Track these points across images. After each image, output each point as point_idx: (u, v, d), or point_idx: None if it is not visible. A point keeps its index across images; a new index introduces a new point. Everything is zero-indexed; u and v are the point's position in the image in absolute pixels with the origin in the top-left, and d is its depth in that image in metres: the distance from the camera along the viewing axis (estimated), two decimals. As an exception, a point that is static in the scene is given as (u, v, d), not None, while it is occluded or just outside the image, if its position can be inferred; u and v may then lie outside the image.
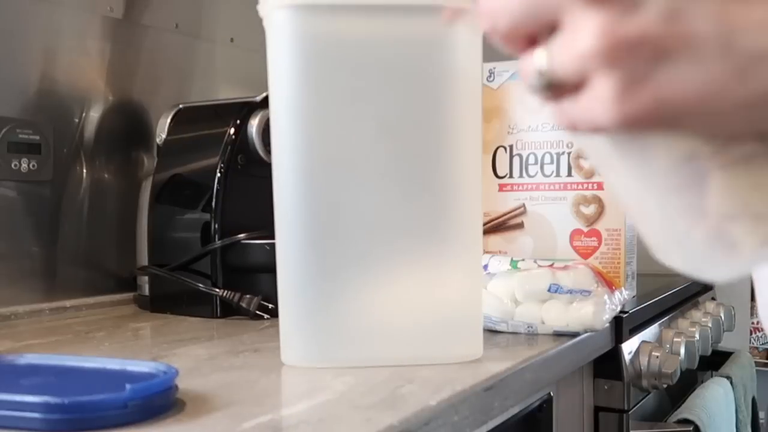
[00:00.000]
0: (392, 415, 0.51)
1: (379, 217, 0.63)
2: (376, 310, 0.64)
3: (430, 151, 0.64)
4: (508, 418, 0.70)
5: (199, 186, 1.00)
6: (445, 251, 0.66)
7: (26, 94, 1.04)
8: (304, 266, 0.63)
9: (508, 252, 1.02)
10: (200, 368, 0.66)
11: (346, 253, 0.63)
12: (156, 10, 1.22)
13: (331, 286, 0.63)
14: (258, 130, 1.00)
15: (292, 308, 0.64)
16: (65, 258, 1.08)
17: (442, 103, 0.65)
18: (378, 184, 0.63)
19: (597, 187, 1.00)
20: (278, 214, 0.64)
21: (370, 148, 0.62)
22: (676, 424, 1.07)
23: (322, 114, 0.62)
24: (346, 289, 0.63)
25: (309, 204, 0.63)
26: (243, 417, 0.50)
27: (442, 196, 0.65)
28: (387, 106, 0.63)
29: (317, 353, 0.64)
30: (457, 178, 0.66)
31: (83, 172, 1.11)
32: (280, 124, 0.64)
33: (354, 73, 0.62)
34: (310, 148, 0.63)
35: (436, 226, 0.65)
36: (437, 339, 0.66)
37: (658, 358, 0.99)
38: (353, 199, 0.63)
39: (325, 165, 0.63)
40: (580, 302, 0.80)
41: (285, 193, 0.64)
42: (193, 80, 1.31)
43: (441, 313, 0.66)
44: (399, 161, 0.64)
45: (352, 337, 0.64)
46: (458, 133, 0.66)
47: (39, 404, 0.47)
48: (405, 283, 0.65)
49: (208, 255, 0.98)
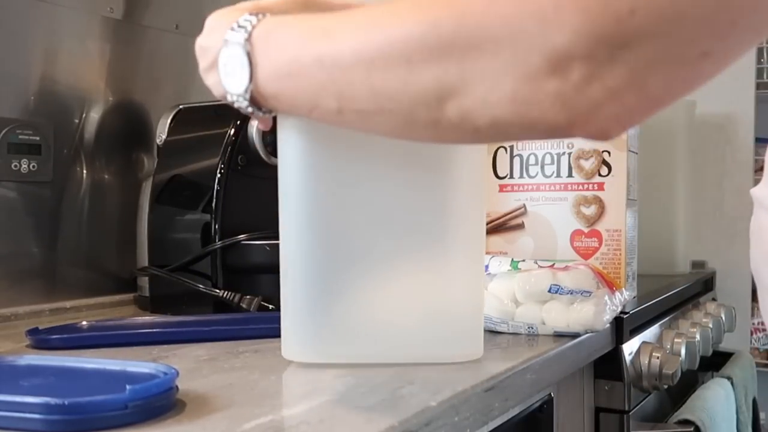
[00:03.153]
0: (393, 415, 0.51)
1: (383, 215, 0.63)
2: (378, 308, 0.64)
3: (434, 150, 0.64)
4: (508, 418, 0.70)
5: (199, 187, 1.00)
6: (448, 251, 0.66)
7: (26, 95, 1.04)
8: (308, 261, 0.63)
9: (509, 252, 1.02)
10: (200, 369, 0.66)
11: (351, 250, 0.63)
12: (156, 10, 1.22)
13: (334, 282, 0.63)
14: (258, 131, 1.00)
15: (295, 303, 0.64)
16: (65, 259, 1.08)
17: None
18: (383, 184, 0.63)
19: (597, 188, 1.00)
20: (283, 210, 0.64)
21: (375, 145, 0.62)
22: (676, 424, 1.06)
23: None
24: (349, 287, 0.63)
25: (314, 201, 0.63)
26: (243, 418, 0.50)
27: (446, 196, 0.65)
28: None
29: (318, 349, 0.64)
30: (461, 177, 0.66)
31: (83, 172, 1.11)
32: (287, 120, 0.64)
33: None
34: (317, 144, 0.62)
35: (440, 226, 0.65)
36: (438, 339, 0.66)
37: (659, 358, 0.99)
38: (358, 197, 0.63)
39: (330, 162, 0.63)
40: (580, 303, 0.80)
41: (290, 189, 0.63)
42: (193, 81, 1.30)
43: (442, 313, 0.66)
44: (404, 160, 0.64)
45: (353, 334, 0.64)
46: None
47: (39, 405, 0.47)
48: (408, 282, 0.65)
49: (208, 256, 0.98)
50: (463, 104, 0.43)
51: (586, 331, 0.81)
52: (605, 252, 1.01)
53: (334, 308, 0.63)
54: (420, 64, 0.43)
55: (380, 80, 0.46)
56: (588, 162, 1.01)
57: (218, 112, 1.07)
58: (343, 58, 0.47)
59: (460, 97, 0.43)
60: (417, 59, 0.43)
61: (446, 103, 0.44)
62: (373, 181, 0.63)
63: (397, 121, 0.47)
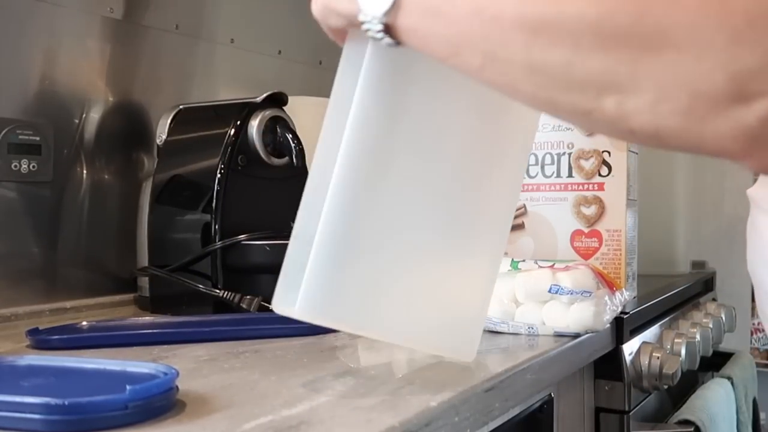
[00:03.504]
0: (393, 416, 0.51)
1: (431, 196, 0.62)
2: (397, 286, 0.63)
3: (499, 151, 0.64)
4: (509, 419, 0.70)
5: (199, 187, 1.00)
6: (475, 250, 0.65)
7: (26, 95, 1.04)
8: (348, 230, 0.60)
9: (509, 253, 1.02)
10: (200, 369, 0.66)
11: (389, 226, 0.61)
12: (156, 10, 1.22)
13: (365, 251, 0.60)
14: (258, 131, 1.00)
15: (326, 260, 0.60)
16: (65, 259, 1.08)
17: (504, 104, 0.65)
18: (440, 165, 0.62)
19: (597, 188, 1.00)
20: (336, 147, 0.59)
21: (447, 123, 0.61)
22: (677, 425, 1.06)
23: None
24: (377, 260, 0.61)
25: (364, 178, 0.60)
26: (243, 418, 0.50)
27: (490, 196, 0.66)
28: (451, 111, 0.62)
29: (325, 307, 0.61)
30: (506, 181, 0.66)
31: (83, 172, 1.11)
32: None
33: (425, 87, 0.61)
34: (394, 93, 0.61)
35: (476, 224, 0.65)
36: (441, 329, 0.65)
37: (659, 358, 0.99)
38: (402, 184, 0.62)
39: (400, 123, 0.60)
40: (580, 303, 0.80)
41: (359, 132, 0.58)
42: (193, 81, 1.30)
43: (452, 305, 0.65)
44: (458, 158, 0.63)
45: (366, 301, 0.61)
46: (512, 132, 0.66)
47: (39, 405, 0.47)
48: (429, 270, 0.64)
49: (208, 256, 0.98)
50: (626, 103, 0.40)
51: (587, 331, 0.81)
52: (605, 252, 1.01)
53: (357, 270, 0.61)
54: (589, 50, 0.40)
55: (539, 53, 0.42)
56: (588, 162, 1.01)
57: (218, 112, 1.07)
58: (504, 17, 0.43)
59: (625, 96, 0.40)
60: (586, 43, 0.40)
61: (607, 97, 0.41)
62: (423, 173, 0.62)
63: (542, 96, 0.44)
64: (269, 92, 1.04)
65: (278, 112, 1.04)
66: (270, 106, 1.03)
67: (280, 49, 1.47)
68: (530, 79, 0.44)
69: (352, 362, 0.71)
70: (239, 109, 1.02)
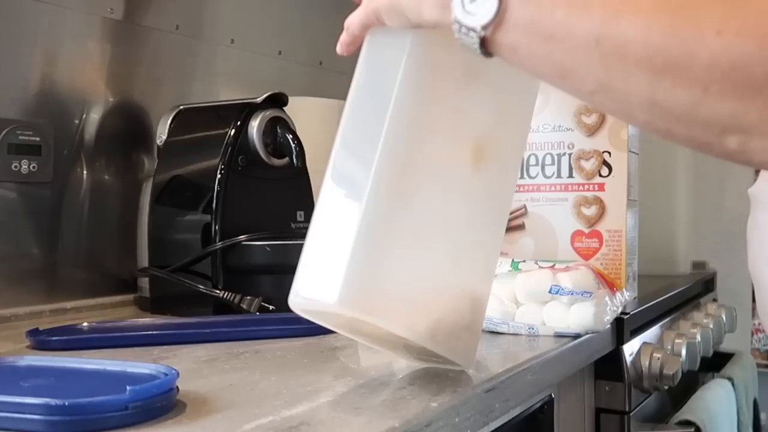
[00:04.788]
0: (393, 416, 0.51)
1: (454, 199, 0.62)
2: (414, 283, 0.62)
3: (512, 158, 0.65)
4: (509, 419, 0.70)
5: (199, 187, 1.00)
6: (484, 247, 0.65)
7: (27, 96, 1.04)
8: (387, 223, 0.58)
9: (509, 253, 1.02)
10: (201, 370, 0.66)
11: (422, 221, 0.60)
12: (156, 11, 1.23)
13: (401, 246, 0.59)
14: (258, 132, 1.01)
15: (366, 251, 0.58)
16: (65, 259, 1.08)
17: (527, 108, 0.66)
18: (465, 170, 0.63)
19: (598, 189, 1.00)
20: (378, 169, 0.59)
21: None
22: (677, 425, 1.06)
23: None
24: (403, 256, 0.60)
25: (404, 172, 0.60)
26: (243, 419, 0.50)
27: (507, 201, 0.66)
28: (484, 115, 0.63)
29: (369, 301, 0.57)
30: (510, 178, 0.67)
31: (83, 173, 1.11)
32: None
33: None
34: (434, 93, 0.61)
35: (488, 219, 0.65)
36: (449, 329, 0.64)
37: (660, 359, 0.99)
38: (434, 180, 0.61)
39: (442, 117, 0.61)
40: (581, 303, 0.80)
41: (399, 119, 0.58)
42: (193, 81, 1.31)
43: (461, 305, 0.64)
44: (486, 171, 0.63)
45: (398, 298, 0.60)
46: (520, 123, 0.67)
47: (39, 406, 0.47)
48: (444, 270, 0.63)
49: (208, 256, 0.98)
50: (749, 143, 0.40)
51: (587, 331, 0.81)
52: (606, 252, 1.01)
53: (393, 264, 0.59)
54: (718, 95, 0.39)
55: (663, 93, 0.41)
56: (588, 162, 1.01)
57: (218, 112, 1.07)
58: (627, 52, 0.42)
59: (750, 136, 0.40)
60: (716, 90, 0.39)
61: (730, 136, 0.41)
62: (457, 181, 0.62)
63: (659, 126, 0.44)
64: (269, 93, 1.04)
65: (278, 113, 1.04)
66: (270, 107, 1.03)
67: (280, 49, 1.47)
68: (650, 111, 0.43)
69: (353, 363, 0.71)
70: (239, 109, 1.02)
